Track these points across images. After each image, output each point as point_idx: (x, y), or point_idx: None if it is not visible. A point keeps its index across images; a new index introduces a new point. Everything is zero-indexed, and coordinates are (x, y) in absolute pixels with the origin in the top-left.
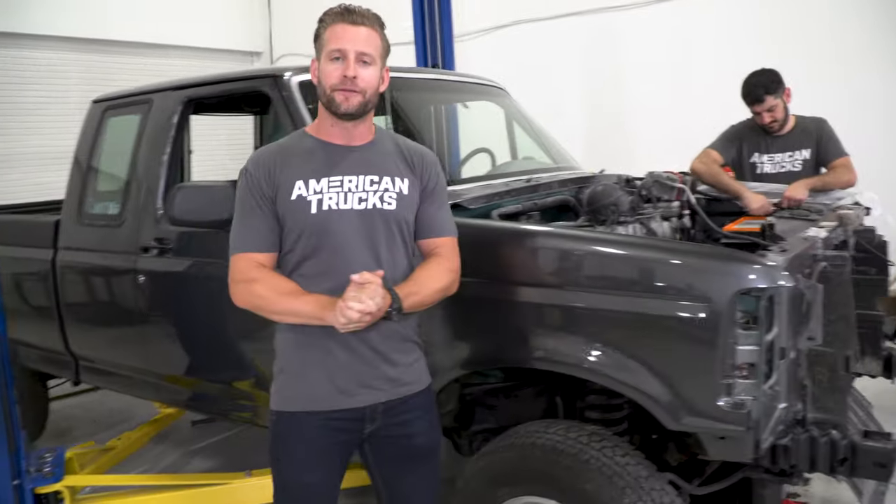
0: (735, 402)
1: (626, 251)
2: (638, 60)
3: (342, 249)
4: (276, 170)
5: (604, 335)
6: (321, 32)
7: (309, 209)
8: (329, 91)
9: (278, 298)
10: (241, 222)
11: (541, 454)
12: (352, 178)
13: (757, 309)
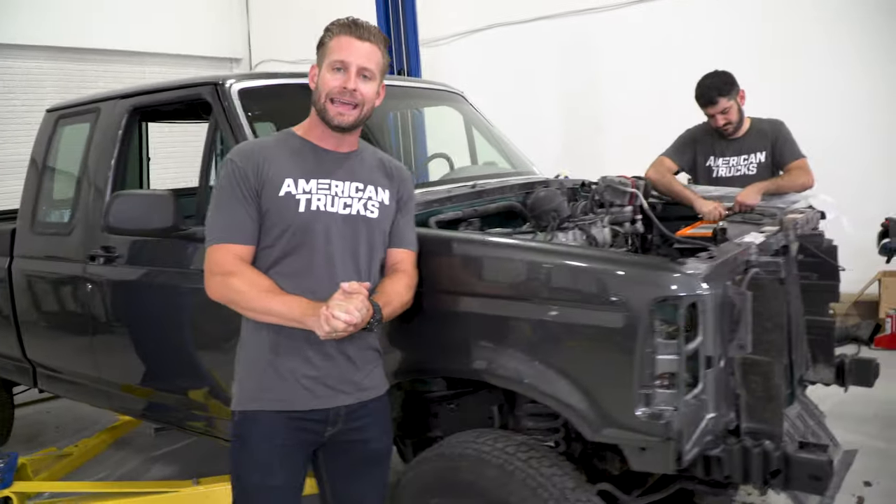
0: (653, 413)
1: (541, 259)
2: (613, 63)
3: (324, 250)
4: (265, 164)
5: (524, 344)
6: (326, 41)
7: (297, 207)
8: (324, 99)
9: (257, 295)
10: (223, 212)
11: (467, 465)
12: (339, 182)
13: (676, 317)
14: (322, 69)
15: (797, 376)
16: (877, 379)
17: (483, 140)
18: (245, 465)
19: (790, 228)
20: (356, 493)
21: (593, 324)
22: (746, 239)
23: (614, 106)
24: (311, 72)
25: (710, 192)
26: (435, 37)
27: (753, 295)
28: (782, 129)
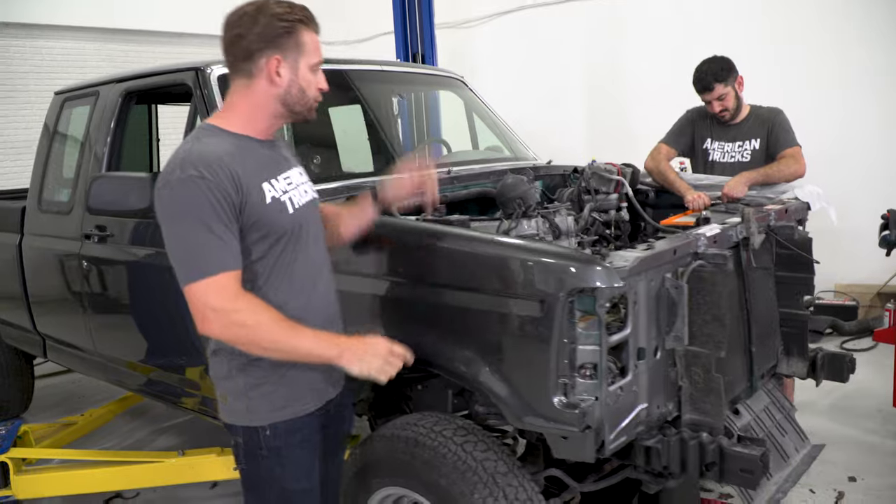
0: (568, 402)
1: (463, 247)
2: (640, 45)
3: (311, 245)
4: (239, 172)
5: (454, 331)
6: (299, 35)
7: (287, 209)
8: (313, 100)
9: (281, 331)
10: (210, 236)
11: (404, 447)
12: (291, 172)
13: (595, 309)
14: (300, 67)
15: (759, 369)
16: (852, 374)
17: (484, 125)
18: (289, 475)
19: (751, 220)
20: (332, 471)
21: (513, 313)
22: (699, 230)
23: (642, 88)
24: (272, 65)
25: (701, 180)
26: (465, 19)
27: (695, 287)
28: (779, 117)
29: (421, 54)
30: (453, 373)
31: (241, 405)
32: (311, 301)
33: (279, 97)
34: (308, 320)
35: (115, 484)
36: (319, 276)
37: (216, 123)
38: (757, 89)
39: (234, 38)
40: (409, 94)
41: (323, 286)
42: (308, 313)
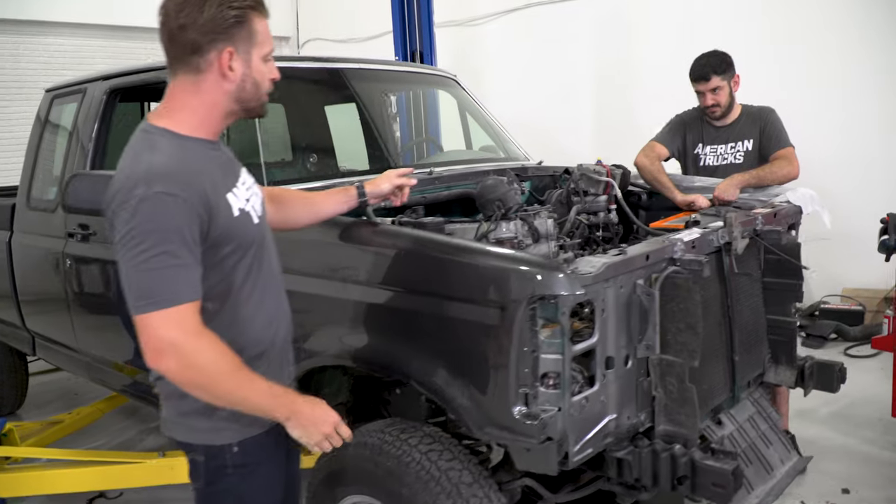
0: (529, 413)
1: (425, 251)
2: (647, 42)
3: (271, 250)
4: (208, 188)
5: (414, 338)
6: (251, 23)
7: (252, 220)
8: (264, 93)
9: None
10: (174, 262)
11: (369, 454)
12: (243, 174)
13: (557, 317)
14: (253, 57)
15: (743, 378)
16: (842, 384)
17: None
18: (255, 491)
19: (733, 224)
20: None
21: (473, 319)
22: (676, 235)
23: (650, 85)
24: (227, 57)
25: (694, 182)
26: (471, 17)
27: (669, 294)
28: (770, 117)
29: (420, 53)
30: (415, 380)
31: (206, 424)
32: (279, 309)
33: (232, 94)
34: (278, 329)
35: (95, 484)
36: (279, 281)
37: (167, 126)
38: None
39: (178, 30)
40: (398, 94)
41: (282, 292)
42: (276, 322)
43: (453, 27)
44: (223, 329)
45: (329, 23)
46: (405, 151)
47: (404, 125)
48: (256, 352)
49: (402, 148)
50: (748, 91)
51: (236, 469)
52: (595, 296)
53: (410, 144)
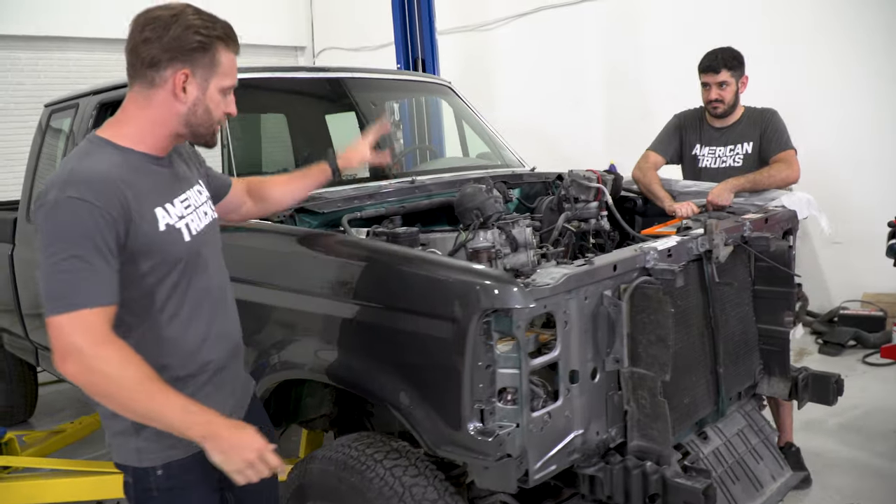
0: (484, 429)
1: (381, 262)
2: (658, 44)
3: (207, 269)
4: (128, 196)
5: (376, 352)
6: (216, 52)
7: (182, 237)
8: (216, 123)
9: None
10: (82, 265)
11: (333, 469)
12: (189, 192)
13: (511, 330)
14: (210, 87)
15: (731, 390)
16: (840, 396)
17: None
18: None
19: (713, 231)
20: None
21: (427, 333)
22: (650, 243)
23: (661, 88)
24: (180, 79)
25: (690, 187)
26: (482, 22)
27: (639, 305)
28: (772, 119)
29: (422, 60)
30: (373, 395)
31: (131, 444)
32: (212, 329)
33: (181, 116)
34: (212, 352)
35: (92, 494)
36: (221, 301)
37: (107, 136)
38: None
39: (141, 42)
40: (402, 101)
41: (224, 313)
42: (210, 344)
43: (464, 32)
44: (146, 346)
45: (342, 32)
46: (401, 159)
47: (407, 132)
48: (184, 373)
49: (398, 155)
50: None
51: (161, 493)
52: (556, 308)
53: (406, 152)
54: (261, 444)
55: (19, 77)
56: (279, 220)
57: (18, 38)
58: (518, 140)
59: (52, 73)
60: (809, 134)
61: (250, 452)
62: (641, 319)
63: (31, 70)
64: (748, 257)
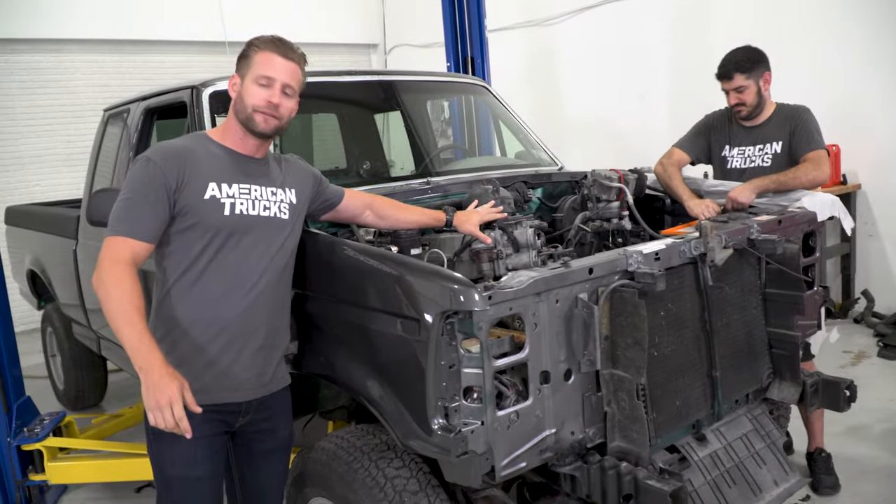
0: (446, 426)
1: (358, 262)
2: (726, 38)
3: (244, 251)
4: (186, 167)
5: (352, 349)
6: (251, 54)
7: (222, 211)
8: (250, 110)
9: (119, 311)
10: (130, 205)
11: (325, 458)
12: (258, 187)
13: (473, 331)
14: (246, 81)
15: (731, 394)
16: (853, 402)
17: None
18: (166, 459)
19: (708, 234)
20: (262, 478)
21: (396, 333)
22: (635, 246)
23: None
24: (232, 81)
25: (716, 186)
26: (547, 16)
27: (618, 309)
28: (803, 117)
29: (472, 59)
30: (351, 389)
31: None
32: (230, 304)
33: (234, 109)
34: (223, 320)
35: (141, 474)
36: (248, 287)
37: (208, 132)
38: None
39: None
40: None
41: (249, 298)
42: (222, 313)
43: (529, 27)
44: (175, 291)
45: (413, 29)
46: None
47: (457, 131)
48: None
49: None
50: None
51: (154, 434)
52: (524, 310)
53: (437, 152)
54: (174, 395)
55: (104, 79)
56: None
57: (103, 42)
58: (585, 135)
59: (136, 75)
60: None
61: (163, 397)
62: (620, 322)
63: (116, 72)
64: (757, 259)
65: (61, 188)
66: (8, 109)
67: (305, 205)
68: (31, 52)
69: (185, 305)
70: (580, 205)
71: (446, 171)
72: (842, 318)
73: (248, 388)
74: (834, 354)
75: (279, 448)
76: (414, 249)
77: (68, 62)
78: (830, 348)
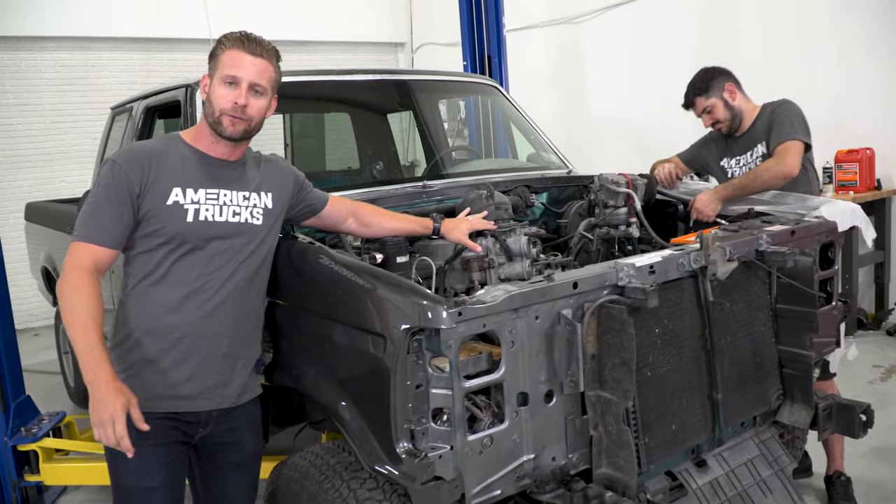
0: (411, 450)
1: (327, 273)
2: (755, 40)
3: (208, 259)
4: (151, 170)
5: (321, 363)
6: (218, 53)
7: (185, 217)
8: (217, 113)
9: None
10: (95, 210)
11: (297, 476)
12: (227, 192)
13: (441, 350)
14: (213, 81)
15: (734, 417)
16: (870, 428)
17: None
18: (121, 469)
19: (709, 247)
20: (228, 492)
21: (362, 348)
22: (627, 259)
23: (757, 82)
24: (203, 82)
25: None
26: (575, 14)
27: (605, 326)
28: (777, 110)
29: (487, 58)
30: (321, 405)
31: None
32: (189, 311)
33: (204, 112)
34: (182, 327)
35: None
36: (210, 293)
37: (182, 133)
38: None
39: None
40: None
41: (212, 305)
42: (181, 319)
43: (556, 25)
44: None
45: (440, 27)
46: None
47: (473, 131)
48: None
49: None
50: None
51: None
52: (499, 327)
53: (440, 155)
54: (117, 412)
55: (131, 77)
56: None
57: (130, 41)
58: (612, 136)
59: (162, 73)
60: None
61: (105, 414)
62: (607, 340)
63: (142, 70)
64: (767, 273)
65: (87, 185)
66: (36, 106)
67: (283, 209)
68: (59, 49)
69: (142, 311)
70: (587, 210)
71: (455, 172)
72: (874, 329)
73: (208, 397)
74: (864, 369)
75: (245, 461)
76: (401, 257)
77: (95, 60)
78: (860, 362)
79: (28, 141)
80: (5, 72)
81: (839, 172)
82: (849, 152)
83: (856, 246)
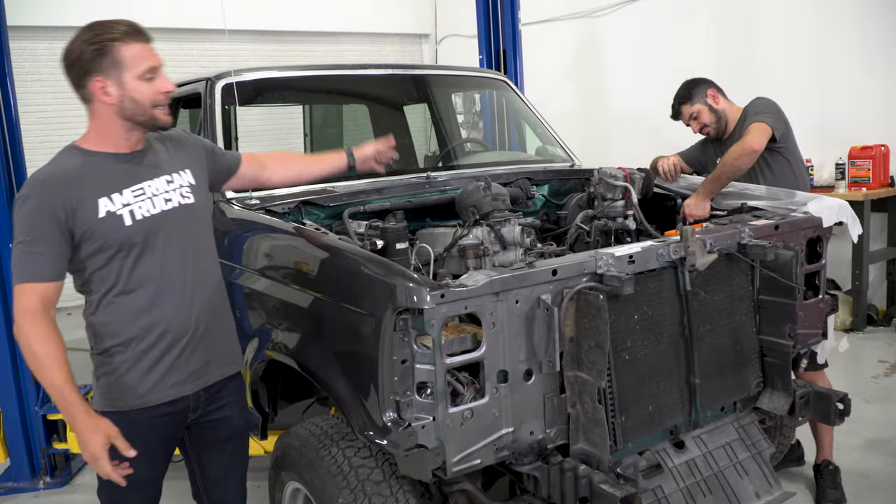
0: (397, 420)
1: (322, 253)
2: (774, 34)
3: (163, 253)
4: (69, 192)
5: (317, 338)
6: (111, 51)
7: (123, 222)
8: (151, 108)
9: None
10: (25, 249)
11: (298, 444)
12: (150, 181)
13: (425, 329)
14: (126, 81)
15: (712, 402)
16: (846, 416)
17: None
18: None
19: (689, 238)
20: (220, 467)
21: (355, 325)
22: (608, 248)
23: (776, 78)
24: (98, 85)
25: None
26: (595, 7)
27: (583, 311)
28: (748, 109)
29: (503, 52)
30: (315, 378)
31: (97, 390)
32: (164, 307)
33: (116, 114)
34: (161, 325)
35: None
36: (178, 284)
37: (77, 143)
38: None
39: (67, 71)
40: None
41: (183, 295)
42: (157, 318)
43: (576, 19)
44: (103, 311)
45: (464, 19)
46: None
47: (488, 124)
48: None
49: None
50: None
51: None
52: (481, 309)
53: (450, 147)
54: (97, 452)
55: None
56: (285, 213)
57: (160, 31)
58: (631, 130)
59: (192, 63)
60: None
61: (87, 455)
62: (584, 325)
63: (172, 60)
64: (751, 266)
65: None
66: (70, 94)
67: (205, 179)
68: None
69: (116, 319)
70: (587, 203)
71: (461, 164)
72: (885, 325)
73: (194, 379)
74: (869, 364)
75: (234, 436)
76: (400, 244)
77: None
78: (866, 358)
79: (62, 127)
80: (41, 60)
81: (852, 169)
82: (863, 149)
83: (867, 242)
